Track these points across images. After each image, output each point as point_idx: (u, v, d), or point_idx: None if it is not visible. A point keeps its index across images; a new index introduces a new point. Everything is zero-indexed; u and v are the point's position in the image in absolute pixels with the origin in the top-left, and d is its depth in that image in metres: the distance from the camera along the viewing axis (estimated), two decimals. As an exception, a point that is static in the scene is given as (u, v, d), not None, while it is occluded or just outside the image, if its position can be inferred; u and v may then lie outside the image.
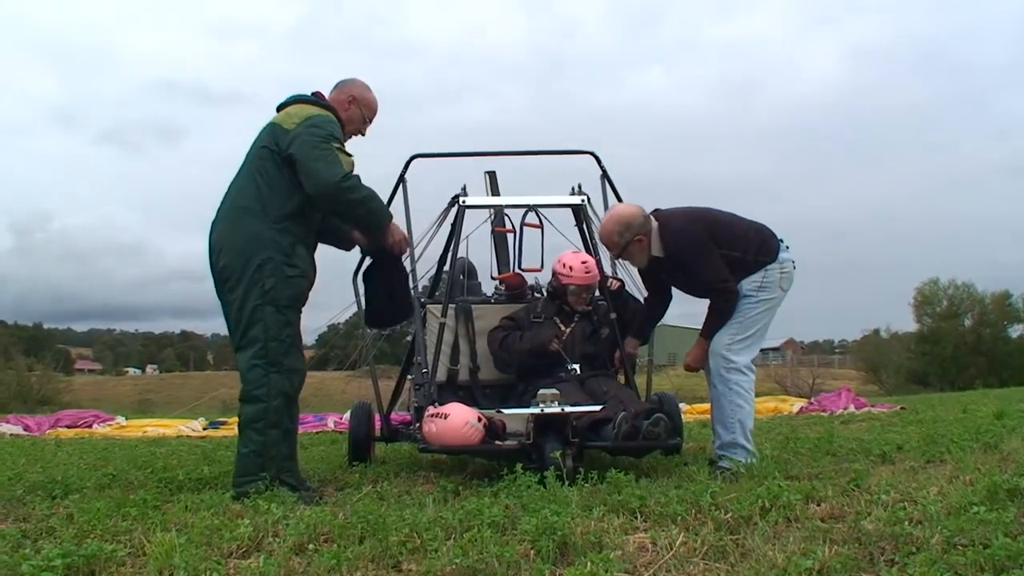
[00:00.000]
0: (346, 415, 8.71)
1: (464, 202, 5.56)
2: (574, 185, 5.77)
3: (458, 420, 4.44)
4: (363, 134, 4.55)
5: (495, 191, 6.18)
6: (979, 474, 3.62)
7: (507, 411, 4.71)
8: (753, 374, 4.63)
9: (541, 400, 4.44)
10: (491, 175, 6.25)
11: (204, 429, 11.39)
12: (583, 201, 5.68)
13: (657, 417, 4.42)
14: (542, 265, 5.74)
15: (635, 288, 5.41)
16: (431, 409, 4.61)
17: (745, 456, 4.43)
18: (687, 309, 4.99)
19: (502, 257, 6.15)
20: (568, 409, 4.43)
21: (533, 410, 4.42)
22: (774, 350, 63.61)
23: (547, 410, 4.40)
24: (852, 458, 4.72)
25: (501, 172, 6.27)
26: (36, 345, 62.93)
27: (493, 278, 6.16)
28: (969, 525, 2.62)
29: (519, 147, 6.27)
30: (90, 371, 77.53)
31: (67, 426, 11.57)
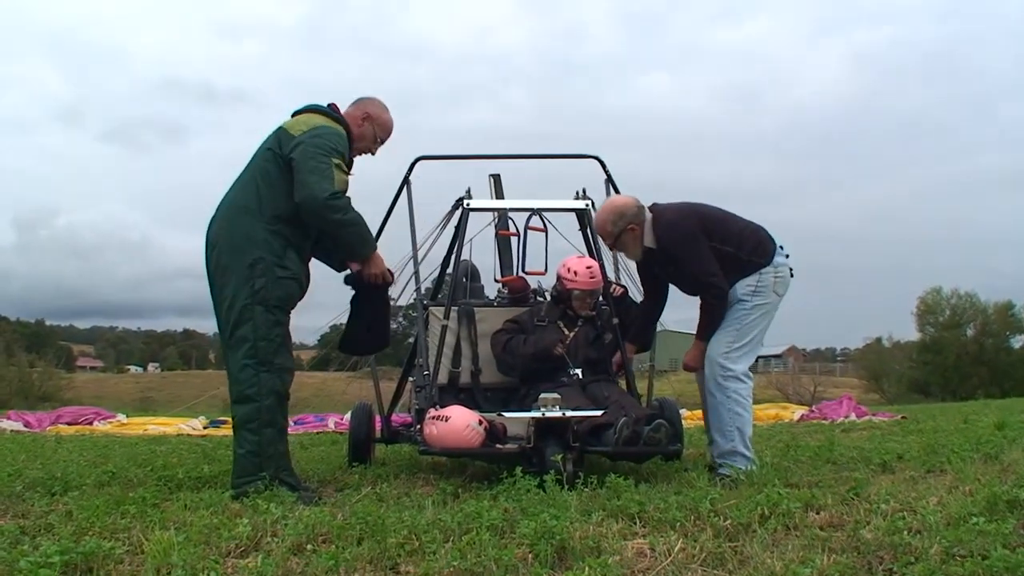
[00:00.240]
0: (347, 416, 8.72)
1: (468, 205, 5.56)
2: (579, 189, 5.78)
3: (459, 423, 4.45)
4: (373, 153, 4.53)
5: (499, 194, 6.19)
6: (979, 485, 3.62)
7: (508, 414, 4.72)
8: (751, 381, 4.62)
9: (542, 404, 4.45)
10: (495, 178, 6.26)
11: (205, 428, 11.43)
12: (587, 206, 5.69)
13: (658, 423, 4.42)
14: (546, 269, 5.74)
15: (637, 295, 5.41)
16: (432, 411, 4.61)
17: (745, 464, 4.42)
18: (688, 315, 4.99)
19: (505, 260, 6.15)
20: (569, 413, 4.43)
21: (534, 414, 4.42)
22: (776, 357, 63.52)
23: (548, 414, 4.40)
24: (852, 467, 4.71)
25: (505, 175, 6.29)
26: (38, 342, 63.04)
27: (496, 281, 6.16)
28: (968, 536, 2.61)
29: (524, 150, 6.29)
30: (92, 368, 77.64)
31: (68, 423, 11.60)
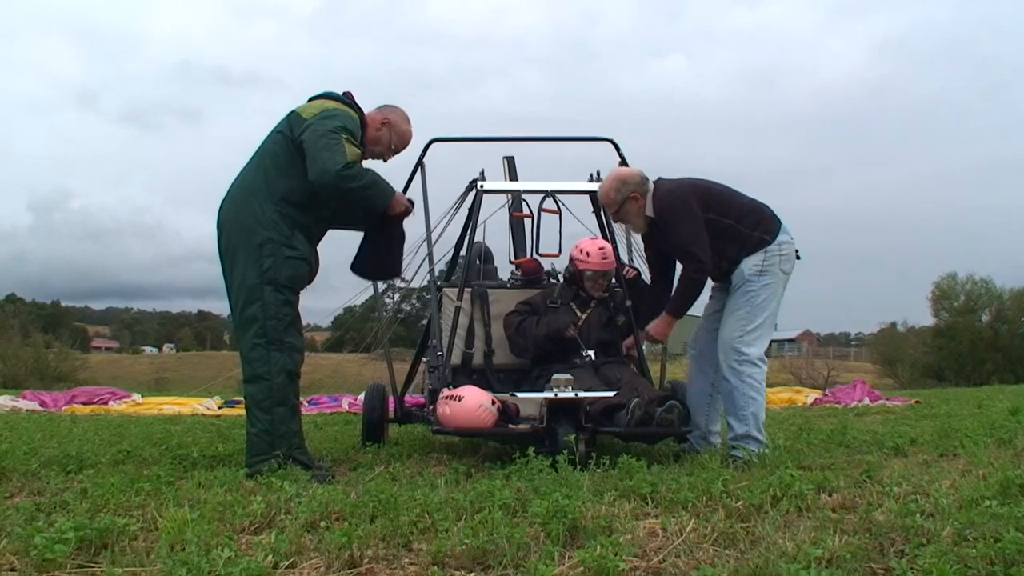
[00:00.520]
0: (360, 397, 8.76)
1: (482, 186, 5.56)
2: (592, 172, 5.76)
3: (472, 403, 4.46)
4: (385, 160, 4.56)
5: (513, 176, 6.18)
6: (992, 469, 3.62)
7: (521, 395, 4.72)
8: (765, 365, 4.59)
9: (555, 385, 4.45)
10: (509, 160, 6.25)
11: (219, 408, 11.48)
12: (601, 188, 5.66)
13: (671, 404, 4.43)
14: (559, 251, 5.73)
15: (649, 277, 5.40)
16: (445, 392, 4.63)
17: (758, 447, 4.43)
18: (700, 297, 4.95)
19: (519, 242, 6.14)
20: (581, 394, 4.43)
21: (547, 394, 4.43)
22: (790, 341, 63.42)
23: (561, 395, 4.41)
24: (865, 450, 4.71)
25: (519, 157, 6.28)
26: (54, 322, 63.39)
27: (510, 262, 6.16)
28: (980, 519, 2.61)
29: (538, 133, 6.27)
30: (107, 349, 78.02)
31: (83, 403, 11.68)
